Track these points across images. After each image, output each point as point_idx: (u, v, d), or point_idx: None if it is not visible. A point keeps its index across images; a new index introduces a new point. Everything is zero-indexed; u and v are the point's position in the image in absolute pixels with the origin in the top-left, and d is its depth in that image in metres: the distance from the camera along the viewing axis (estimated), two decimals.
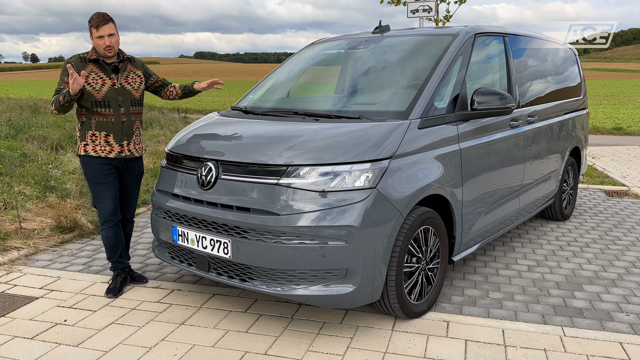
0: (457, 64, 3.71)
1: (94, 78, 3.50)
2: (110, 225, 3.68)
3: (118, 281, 3.75)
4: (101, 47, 3.46)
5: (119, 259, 3.79)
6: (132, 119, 3.65)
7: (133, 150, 3.67)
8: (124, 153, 3.61)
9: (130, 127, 3.64)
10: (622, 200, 6.77)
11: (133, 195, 3.87)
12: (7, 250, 4.52)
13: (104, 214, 3.65)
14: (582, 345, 3.02)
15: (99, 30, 3.44)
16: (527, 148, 4.44)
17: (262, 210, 2.96)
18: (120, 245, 3.77)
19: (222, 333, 3.15)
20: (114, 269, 3.81)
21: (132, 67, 3.70)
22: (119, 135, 3.58)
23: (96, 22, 3.44)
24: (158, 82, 3.91)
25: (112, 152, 3.57)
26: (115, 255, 3.77)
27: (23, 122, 11.71)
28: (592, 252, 4.67)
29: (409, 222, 3.10)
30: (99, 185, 3.60)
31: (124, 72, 3.63)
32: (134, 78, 3.67)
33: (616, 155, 10.68)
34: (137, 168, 3.80)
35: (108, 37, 3.45)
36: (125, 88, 3.60)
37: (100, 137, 3.55)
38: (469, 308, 3.50)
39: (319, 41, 4.99)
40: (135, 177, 3.81)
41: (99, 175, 3.58)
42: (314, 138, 3.18)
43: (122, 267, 3.81)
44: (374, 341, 3.06)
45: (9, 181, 6.47)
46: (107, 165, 3.58)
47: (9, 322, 3.28)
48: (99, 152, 3.55)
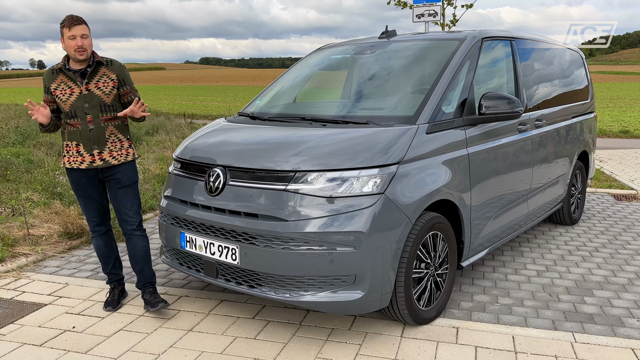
0: (464, 68, 3.70)
1: (63, 89, 3.31)
2: (99, 235, 3.60)
3: (115, 294, 3.66)
4: (72, 48, 3.23)
5: (112, 270, 3.67)
6: (103, 126, 3.36)
7: (108, 158, 3.39)
8: (95, 163, 3.36)
9: (101, 134, 3.36)
10: (630, 204, 6.72)
11: (125, 204, 3.50)
12: (15, 257, 4.54)
13: (90, 225, 3.59)
14: (594, 351, 2.99)
15: (71, 29, 3.22)
16: (535, 152, 4.42)
17: (270, 217, 2.95)
18: (111, 256, 3.65)
19: (231, 339, 3.14)
20: (109, 281, 3.71)
21: (106, 70, 3.39)
22: (88, 144, 3.35)
23: (69, 22, 3.24)
24: (127, 97, 3.46)
25: (84, 163, 3.36)
26: (108, 266, 3.66)
27: (30, 128, 11.79)
28: (601, 257, 4.63)
29: (417, 227, 3.09)
30: (80, 199, 3.51)
31: (95, 77, 3.34)
32: (105, 82, 3.36)
33: (624, 158, 10.61)
34: (121, 175, 3.45)
35: (80, 37, 3.23)
36: (93, 93, 3.32)
37: (72, 147, 3.38)
38: (478, 314, 3.48)
39: (325, 46, 4.99)
40: (119, 184, 3.46)
41: (79, 189, 3.47)
42: (321, 144, 3.17)
43: (117, 279, 3.71)
44: (383, 348, 3.04)
45: (17, 188, 6.50)
46: (85, 178, 3.42)
47: (17, 329, 3.28)
48: (72, 164, 3.39)
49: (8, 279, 4.10)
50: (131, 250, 3.57)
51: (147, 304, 3.51)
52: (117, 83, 3.41)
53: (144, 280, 3.59)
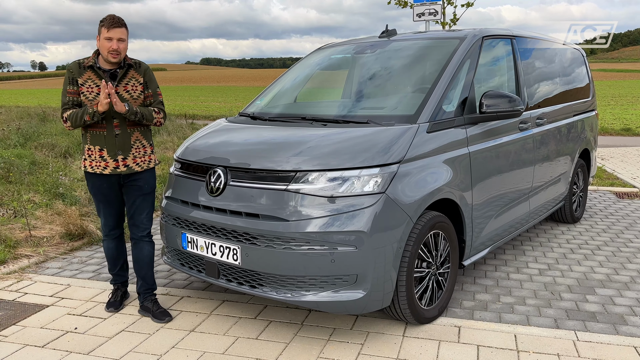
0: (465, 67, 3.69)
1: (90, 87, 3.23)
2: (112, 238, 3.57)
3: (118, 295, 3.65)
4: (106, 49, 3.18)
5: (119, 272, 3.66)
6: (129, 132, 3.31)
7: (132, 164, 3.34)
8: (119, 169, 3.30)
9: (126, 140, 3.30)
10: (632, 202, 6.71)
11: (142, 210, 3.47)
12: (17, 258, 4.54)
13: (104, 229, 3.56)
14: (596, 349, 2.98)
15: (109, 31, 3.16)
16: (536, 150, 4.41)
17: (271, 217, 2.95)
18: (121, 258, 3.63)
19: (233, 340, 3.14)
20: (113, 282, 3.69)
21: (135, 73, 3.35)
22: (113, 149, 3.28)
23: (109, 23, 3.17)
24: (149, 100, 3.40)
25: (107, 169, 3.29)
26: (115, 267, 3.64)
27: (32, 130, 11.81)
28: (603, 255, 4.62)
29: (418, 226, 3.09)
30: (98, 202, 3.47)
31: (124, 80, 3.30)
32: (134, 86, 3.33)
33: (625, 156, 10.59)
34: (142, 182, 3.42)
35: (117, 41, 3.18)
36: (122, 97, 3.27)
37: (95, 152, 3.30)
38: (480, 313, 3.47)
39: (326, 46, 4.99)
40: (140, 191, 3.43)
41: (98, 193, 3.41)
42: (322, 143, 3.17)
43: (122, 281, 3.70)
44: (385, 347, 3.04)
45: (19, 189, 6.51)
46: (106, 183, 3.36)
47: (20, 331, 3.29)
48: (95, 168, 3.31)
49: (10, 280, 4.11)
50: (137, 254, 3.53)
51: (148, 311, 3.47)
52: (144, 87, 3.38)
53: (146, 286, 3.55)
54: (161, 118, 3.43)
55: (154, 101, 3.42)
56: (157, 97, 3.44)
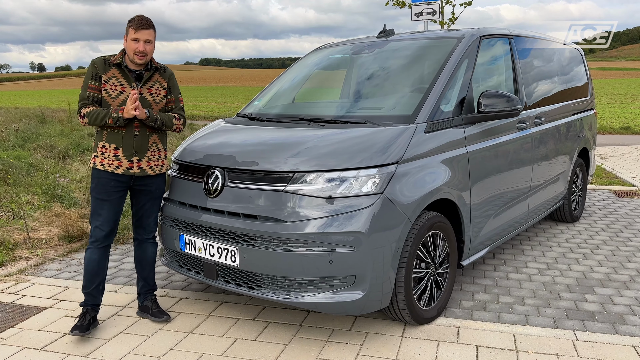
0: (462, 66, 3.69)
1: (113, 84, 3.18)
2: (98, 247, 3.27)
3: (86, 319, 3.25)
4: (132, 50, 3.14)
5: (94, 292, 3.31)
6: (147, 134, 3.27)
7: (146, 167, 3.28)
8: (132, 170, 3.24)
9: (144, 142, 3.26)
10: (632, 200, 6.71)
11: (150, 214, 3.43)
12: (15, 261, 4.54)
13: (95, 233, 3.26)
14: (595, 349, 2.98)
15: (137, 32, 3.13)
16: (534, 150, 4.41)
17: (269, 218, 2.95)
18: (100, 274, 3.31)
19: (231, 341, 3.14)
20: (84, 303, 3.32)
21: (159, 77, 3.33)
22: (129, 150, 3.22)
23: (137, 24, 3.15)
24: (170, 105, 3.41)
25: (120, 168, 3.21)
26: (92, 284, 3.29)
27: (30, 131, 11.80)
28: (602, 254, 4.62)
29: (417, 227, 3.08)
30: (99, 202, 3.25)
31: (149, 82, 3.28)
32: (158, 90, 3.31)
33: (625, 155, 10.59)
34: (154, 186, 3.37)
35: (144, 42, 3.15)
36: (145, 99, 3.24)
37: (110, 150, 3.22)
38: (479, 313, 3.47)
39: (324, 46, 4.98)
40: (151, 195, 3.38)
41: (103, 191, 3.23)
42: (319, 144, 3.17)
43: (94, 304, 3.34)
44: (383, 348, 3.03)
45: (17, 191, 6.50)
46: (114, 182, 3.23)
47: (18, 333, 3.28)
48: (106, 166, 3.21)
49: (8, 282, 4.10)
50: (140, 255, 3.49)
51: (147, 311, 3.44)
52: (167, 92, 3.37)
53: (148, 287, 3.53)
54: (181, 124, 3.44)
55: (175, 107, 3.42)
56: (178, 104, 3.44)
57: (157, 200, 3.45)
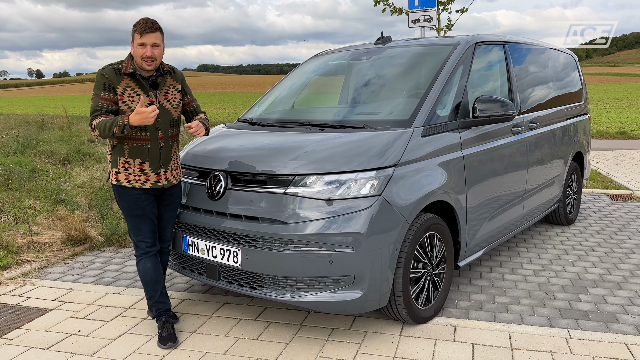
0: (458, 72, 3.78)
1: (130, 95, 2.99)
2: (149, 256, 3.24)
3: (169, 327, 3.23)
4: (140, 56, 2.97)
5: (160, 299, 3.28)
6: (171, 143, 3.18)
7: (171, 177, 3.21)
8: (160, 182, 3.15)
9: (169, 152, 3.17)
10: (626, 204, 6.80)
11: (169, 224, 3.37)
12: (20, 264, 4.61)
13: (140, 246, 3.22)
14: (588, 346, 3.06)
15: (142, 37, 2.95)
16: (529, 154, 4.50)
17: (271, 219, 3.03)
18: (160, 281, 3.29)
19: (233, 341, 3.21)
20: (157, 315, 3.27)
21: (172, 80, 3.19)
22: (156, 162, 3.11)
23: (141, 28, 2.95)
24: (191, 106, 3.33)
25: (148, 182, 3.11)
26: (156, 293, 3.27)
27: (30, 137, 11.86)
28: (597, 256, 4.70)
29: (414, 228, 3.16)
30: (136, 218, 3.16)
31: (164, 88, 3.13)
32: (173, 94, 3.18)
33: (620, 159, 10.69)
34: (175, 195, 3.32)
35: (151, 46, 2.96)
36: (164, 107, 3.10)
37: (135, 165, 3.08)
38: (475, 312, 3.55)
39: (322, 53, 5.08)
40: (172, 204, 3.33)
41: (135, 208, 3.13)
42: (319, 148, 3.25)
43: (166, 309, 3.32)
44: (382, 346, 3.11)
45: (19, 196, 6.57)
46: (145, 196, 3.13)
47: (24, 334, 3.35)
48: (133, 183, 3.08)
49: (13, 285, 4.17)
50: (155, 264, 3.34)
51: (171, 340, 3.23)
52: (182, 95, 3.26)
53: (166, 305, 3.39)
54: None
55: (195, 106, 3.37)
56: (196, 101, 3.38)
57: (176, 210, 3.40)
